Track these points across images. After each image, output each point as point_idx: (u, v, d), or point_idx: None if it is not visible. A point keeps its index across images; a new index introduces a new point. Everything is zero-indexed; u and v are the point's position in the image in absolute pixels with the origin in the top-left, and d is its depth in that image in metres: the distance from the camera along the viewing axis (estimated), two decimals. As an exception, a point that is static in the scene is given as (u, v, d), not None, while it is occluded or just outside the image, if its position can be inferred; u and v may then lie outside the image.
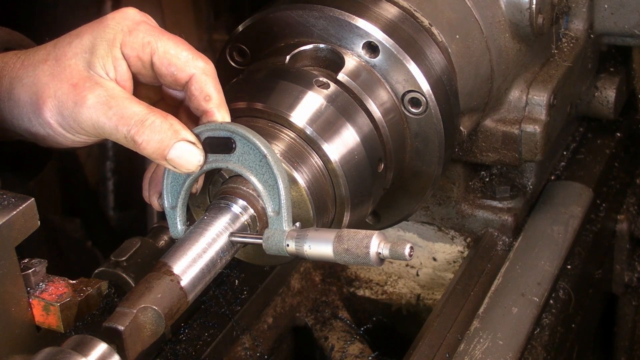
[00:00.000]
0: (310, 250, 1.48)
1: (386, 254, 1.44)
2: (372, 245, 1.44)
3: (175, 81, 1.56)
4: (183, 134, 1.50)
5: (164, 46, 1.54)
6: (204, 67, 1.55)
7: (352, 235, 1.46)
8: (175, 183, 1.56)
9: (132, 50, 1.53)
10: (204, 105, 1.55)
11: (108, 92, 1.50)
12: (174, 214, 1.57)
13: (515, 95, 2.13)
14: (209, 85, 1.55)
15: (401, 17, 1.82)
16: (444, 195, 2.22)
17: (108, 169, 3.41)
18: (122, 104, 1.49)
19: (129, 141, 1.49)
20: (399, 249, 1.43)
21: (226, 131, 1.52)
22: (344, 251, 1.46)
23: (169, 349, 1.93)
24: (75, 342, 1.31)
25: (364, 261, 1.45)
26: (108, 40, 1.52)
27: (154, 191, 1.61)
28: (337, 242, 1.47)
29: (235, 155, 1.52)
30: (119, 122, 1.48)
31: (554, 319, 2.11)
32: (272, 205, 1.51)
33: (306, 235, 1.49)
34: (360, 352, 2.16)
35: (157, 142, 1.48)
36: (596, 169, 2.52)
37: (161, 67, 1.54)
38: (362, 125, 1.70)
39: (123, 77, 1.54)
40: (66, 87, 1.50)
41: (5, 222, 1.33)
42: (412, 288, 2.33)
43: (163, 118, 1.49)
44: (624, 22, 2.33)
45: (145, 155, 1.50)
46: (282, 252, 1.50)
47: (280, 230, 1.50)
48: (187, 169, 1.52)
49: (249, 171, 1.52)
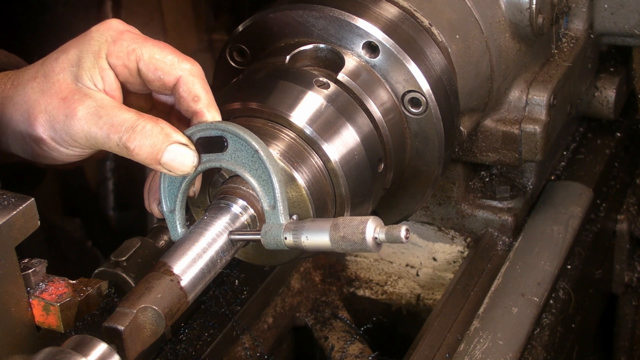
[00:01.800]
0: (308, 241, 1.48)
1: (382, 238, 1.44)
2: (367, 230, 1.44)
3: (163, 85, 1.56)
4: (175, 137, 1.50)
5: (149, 52, 1.54)
6: (190, 68, 1.55)
7: (348, 222, 1.46)
8: (171, 187, 1.56)
9: (117, 59, 1.54)
10: (193, 106, 1.55)
11: (97, 103, 1.50)
12: (173, 217, 1.57)
13: (515, 95, 2.13)
14: (196, 85, 1.55)
15: (401, 17, 1.83)
16: (444, 195, 2.22)
17: (108, 169, 3.41)
18: (111, 113, 1.49)
19: (122, 148, 1.49)
20: (394, 232, 1.42)
21: (217, 130, 1.52)
22: (340, 239, 1.45)
23: (169, 349, 1.93)
24: (75, 342, 1.31)
25: (361, 247, 1.44)
26: (94, 52, 1.53)
27: (154, 199, 1.61)
28: (334, 230, 1.46)
29: (228, 154, 1.52)
30: (110, 130, 1.48)
31: (554, 319, 2.11)
32: (267, 200, 1.50)
33: (303, 226, 1.48)
34: (360, 352, 2.16)
35: (150, 147, 1.48)
36: (596, 169, 2.52)
37: (148, 72, 1.55)
38: (362, 125, 1.70)
39: (111, 87, 1.54)
40: (56, 102, 1.51)
41: (5, 222, 1.32)
42: (412, 288, 2.33)
43: (153, 122, 1.49)
44: (624, 22, 2.33)
45: (139, 162, 1.50)
46: (280, 246, 1.49)
47: (278, 224, 1.49)
48: (181, 171, 1.52)
49: (242, 168, 1.51)
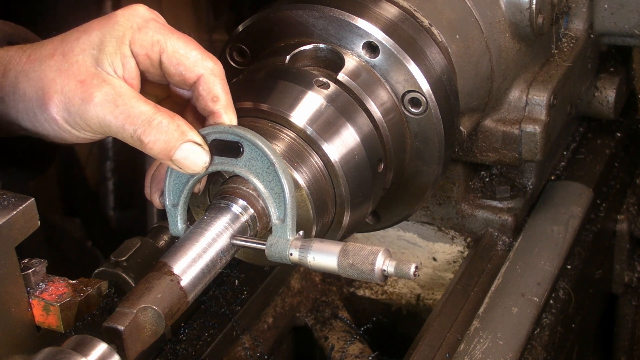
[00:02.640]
0: (314, 261, 1.48)
1: (391, 272, 1.45)
2: (377, 262, 1.45)
3: (184, 81, 1.55)
4: (190, 135, 1.49)
5: (174, 45, 1.53)
6: (212, 67, 1.54)
7: (358, 250, 1.47)
8: (177, 182, 1.55)
9: (141, 48, 1.52)
10: (211, 106, 1.55)
11: (115, 90, 1.49)
12: (175, 212, 1.57)
13: (515, 95, 2.13)
14: (217, 86, 1.54)
15: (401, 17, 1.82)
16: (444, 195, 2.22)
17: (108, 169, 3.41)
18: (129, 103, 1.48)
19: (135, 141, 1.48)
20: (404, 267, 1.44)
21: (234, 135, 1.51)
22: (348, 266, 1.46)
23: (169, 349, 1.93)
24: (75, 342, 1.31)
25: (367, 277, 1.46)
26: (117, 38, 1.51)
27: (156, 189, 1.60)
28: (342, 256, 1.47)
29: (242, 160, 1.51)
30: (126, 121, 1.47)
31: (554, 319, 2.11)
32: (277, 213, 1.50)
33: (310, 246, 1.49)
34: (360, 352, 2.16)
35: (164, 143, 1.48)
36: (596, 169, 2.52)
37: (170, 66, 1.53)
38: (362, 125, 1.70)
39: (131, 75, 1.53)
40: (73, 84, 1.49)
41: (5, 222, 1.32)
42: (412, 288, 2.33)
43: (170, 118, 1.49)
44: (624, 22, 2.33)
45: (151, 155, 1.50)
46: (284, 261, 1.50)
47: (284, 239, 1.50)
48: (192, 170, 1.51)
49: (255, 177, 1.51)
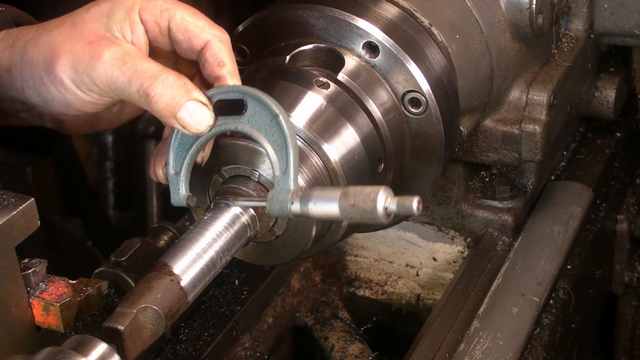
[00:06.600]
0: (316, 207, 1.44)
1: (393, 209, 1.39)
2: (379, 199, 1.39)
3: (191, 47, 1.58)
4: (195, 94, 1.51)
5: (182, 13, 1.57)
6: (220, 35, 1.58)
7: (359, 191, 1.42)
8: (181, 148, 1.55)
9: (150, 15, 1.56)
10: (217, 71, 1.57)
11: (124, 50, 1.52)
12: (177, 179, 1.56)
13: (515, 95, 2.13)
14: (223, 52, 1.57)
15: (401, 17, 1.83)
16: (444, 195, 2.22)
17: (108, 169, 3.41)
18: (137, 60, 1.51)
19: (141, 95, 1.50)
20: (406, 202, 1.39)
21: (238, 92, 1.52)
22: (350, 207, 1.41)
23: (169, 349, 1.93)
24: (75, 342, 1.31)
25: (370, 217, 1.40)
26: (127, 6, 1.56)
27: (160, 161, 1.60)
28: (343, 198, 1.42)
29: (245, 117, 1.51)
30: (133, 75, 1.50)
31: (554, 319, 2.11)
32: (279, 166, 1.49)
33: (311, 194, 1.45)
34: (360, 352, 2.16)
35: (169, 98, 1.49)
36: (596, 169, 2.51)
37: (178, 33, 1.57)
38: (362, 125, 1.70)
39: (139, 41, 1.56)
40: (82, 45, 1.52)
41: (5, 222, 1.33)
42: (412, 288, 2.33)
43: (176, 76, 1.51)
44: (624, 22, 2.32)
45: (155, 112, 1.51)
46: (285, 212, 1.46)
47: (286, 189, 1.47)
48: (196, 129, 1.51)
49: (258, 132, 1.50)
